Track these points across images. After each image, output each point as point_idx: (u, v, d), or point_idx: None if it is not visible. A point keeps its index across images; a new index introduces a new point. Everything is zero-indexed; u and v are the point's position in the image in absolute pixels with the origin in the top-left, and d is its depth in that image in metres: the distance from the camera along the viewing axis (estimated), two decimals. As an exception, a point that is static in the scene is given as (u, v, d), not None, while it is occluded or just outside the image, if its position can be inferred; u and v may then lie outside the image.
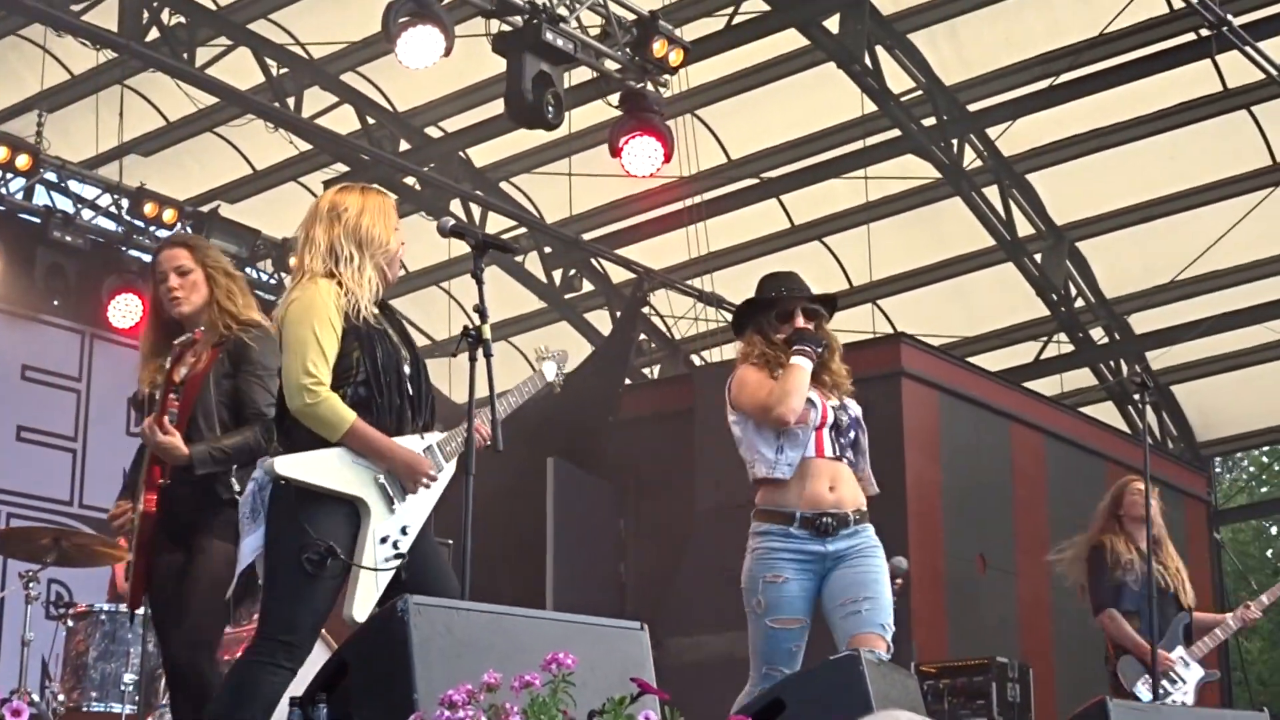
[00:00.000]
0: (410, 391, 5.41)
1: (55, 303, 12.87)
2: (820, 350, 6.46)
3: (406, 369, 5.43)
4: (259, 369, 5.79)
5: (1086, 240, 14.26)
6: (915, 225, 14.15)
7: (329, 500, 5.15)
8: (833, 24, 11.96)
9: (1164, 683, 8.64)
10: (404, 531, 5.26)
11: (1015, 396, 13.36)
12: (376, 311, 5.41)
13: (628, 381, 14.85)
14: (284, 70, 12.58)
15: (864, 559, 6.28)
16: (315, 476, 5.14)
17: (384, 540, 5.19)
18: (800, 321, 6.65)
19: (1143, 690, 8.54)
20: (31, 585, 8.86)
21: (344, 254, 5.39)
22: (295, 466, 5.14)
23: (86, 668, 8.56)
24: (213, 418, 5.74)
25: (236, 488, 5.59)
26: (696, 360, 15.51)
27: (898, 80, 12.51)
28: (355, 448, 5.20)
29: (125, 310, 13.00)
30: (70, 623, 8.77)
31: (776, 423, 6.32)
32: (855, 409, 6.51)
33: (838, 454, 6.34)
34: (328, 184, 13.40)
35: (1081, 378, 15.44)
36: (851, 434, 6.41)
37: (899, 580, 6.46)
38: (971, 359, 14.02)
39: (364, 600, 5.04)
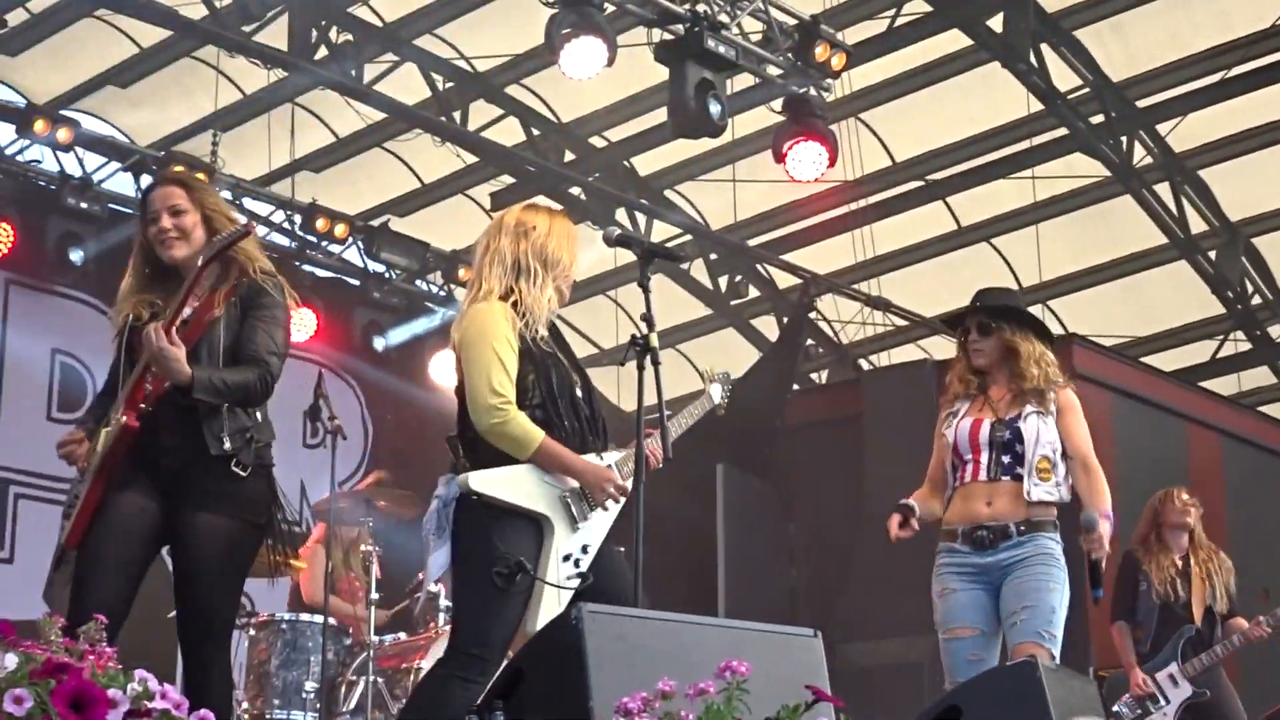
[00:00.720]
0: (585, 413, 5.47)
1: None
2: None
3: (579, 391, 5.49)
4: (267, 314, 5.45)
5: (1262, 236, 13.97)
6: (1084, 224, 13.96)
7: (516, 517, 5.21)
8: (996, 23, 11.84)
9: (1147, 702, 8.50)
10: (584, 550, 5.32)
11: (1191, 397, 13.11)
12: (546, 334, 5.47)
13: (795, 387, 14.81)
14: (450, 84, 12.72)
15: (1026, 569, 6.34)
16: (505, 493, 5.22)
17: (566, 558, 5.25)
18: (971, 337, 6.70)
19: (1123, 709, 8.45)
20: (215, 595, 9.02)
21: (528, 270, 5.46)
22: (487, 483, 5.22)
23: (269, 676, 8.73)
24: (218, 358, 5.36)
25: (226, 445, 5.27)
26: (864, 364, 15.44)
27: (1064, 78, 12.35)
28: (543, 464, 5.27)
29: (300, 324, 13.24)
30: (253, 632, 8.93)
31: None
32: (1029, 420, 6.47)
33: (995, 475, 6.44)
34: (494, 196, 13.64)
35: (1260, 376, 15.14)
36: (1017, 448, 6.45)
37: (1095, 534, 6.29)
38: (1145, 359, 13.79)
39: (546, 615, 5.09)
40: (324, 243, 13.60)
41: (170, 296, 5.39)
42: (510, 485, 5.25)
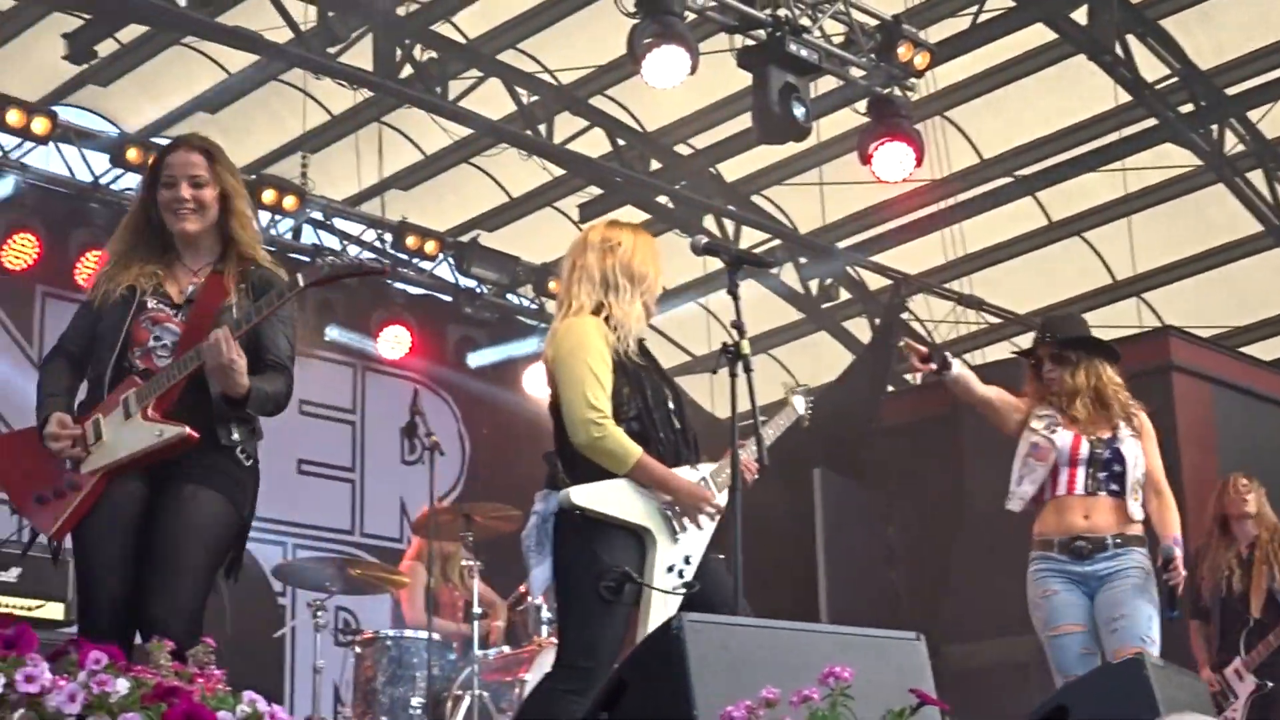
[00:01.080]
0: (678, 426, 5.50)
1: (327, 338, 13.27)
2: None
3: (671, 404, 5.52)
4: (284, 314, 5.20)
5: (1359, 220, 13.78)
6: (1177, 215, 13.82)
7: (618, 530, 5.25)
8: (1080, 15, 11.74)
9: (1219, 699, 8.40)
10: (687, 560, 5.35)
11: (1292, 385, 12.95)
12: (637, 348, 5.50)
13: (890, 388, 14.75)
14: (534, 98, 12.77)
15: (1122, 579, 6.59)
16: (608, 506, 5.25)
17: (670, 569, 5.28)
18: (1046, 368, 6.85)
19: None
20: (319, 614, 9.12)
21: (617, 285, 5.52)
22: (589, 497, 5.26)
23: (376, 693, 8.79)
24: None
25: (235, 435, 5.08)
26: (958, 363, 15.33)
27: (1151, 68, 12.23)
28: (640, 480, 5.30)
29: (394, 341, 13.36)
30: (358, 649, 9.01)
31: None
32: (1127, 442, 6.67)
33: (1092, 490, 6.64)
34: (583, 208, 13.67)
35: (1362, 363, 14.92)
36: (1115, 467, 6.64)
37: (1174, 563, 6.49)
38: (1243, 349, 13.63)
39: (656, 626, 5.10)
40: (415, 260, 13.69)
41: (170, 272, 5.17)
42: (611, 498, 5.28)
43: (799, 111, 10.11)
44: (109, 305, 5.12)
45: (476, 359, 14.25)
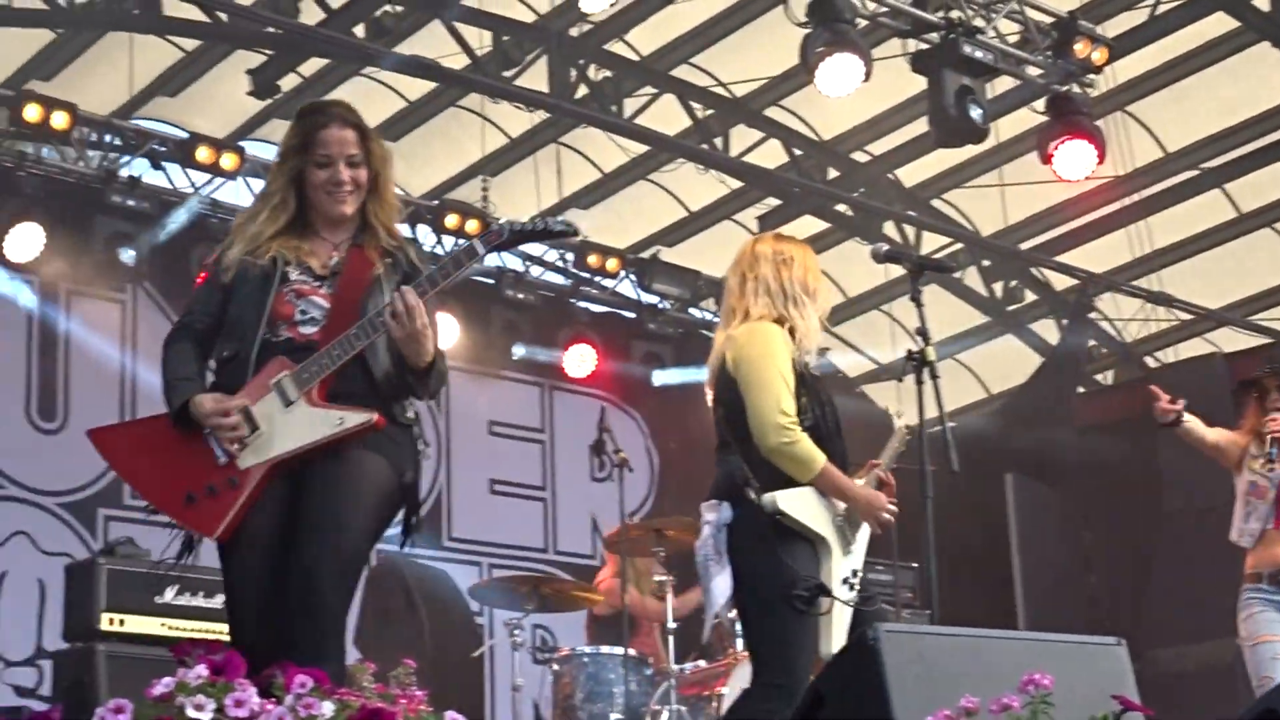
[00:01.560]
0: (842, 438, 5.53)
1: (514, 357, 13.42)
2: None
3: (837, 416, 5.54)
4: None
5: None
6: (1372, 202, 13.48)
7: (797, 539, 5.24)
8: (1262, 2, 11.50)
9: None
10: (854, 573, 5.33)
11: None
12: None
13: (1080, 390, 14.54)
14: (709, 112, 12.79)
15: None
16: (802, 514, 5.25)
17: (844, 581, 5.27)
18: (1272, 397, 6.94)
19: None
20: (516, 632, 9.20)
21: (796, 298, 5.60)
22: (790, 503, 5.24)
23: (574, 709, 8.85)
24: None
25: (410, 414, 4.80)
26: (1151, 362, 15.09)
27: (1339, 52, 11.95)
28: (823, 487, 5.29)
29: (580, 360, 13.46)
30: (556, 666, 9.07)
31: None
32: None
33: None
34: (761, 219, 13.67)
35: None
36: None
37: None
38: None
39: (839, 636, 5.10)
40: (597, 278, 13.80)
41: (308, 245, 4.85)
42: (803, 506, 5.27)
43: (976, 113, 10.02)
44: (245, 279, 4.77)
45: (661, 375, 14.30)
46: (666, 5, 11.78)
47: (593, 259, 13.40)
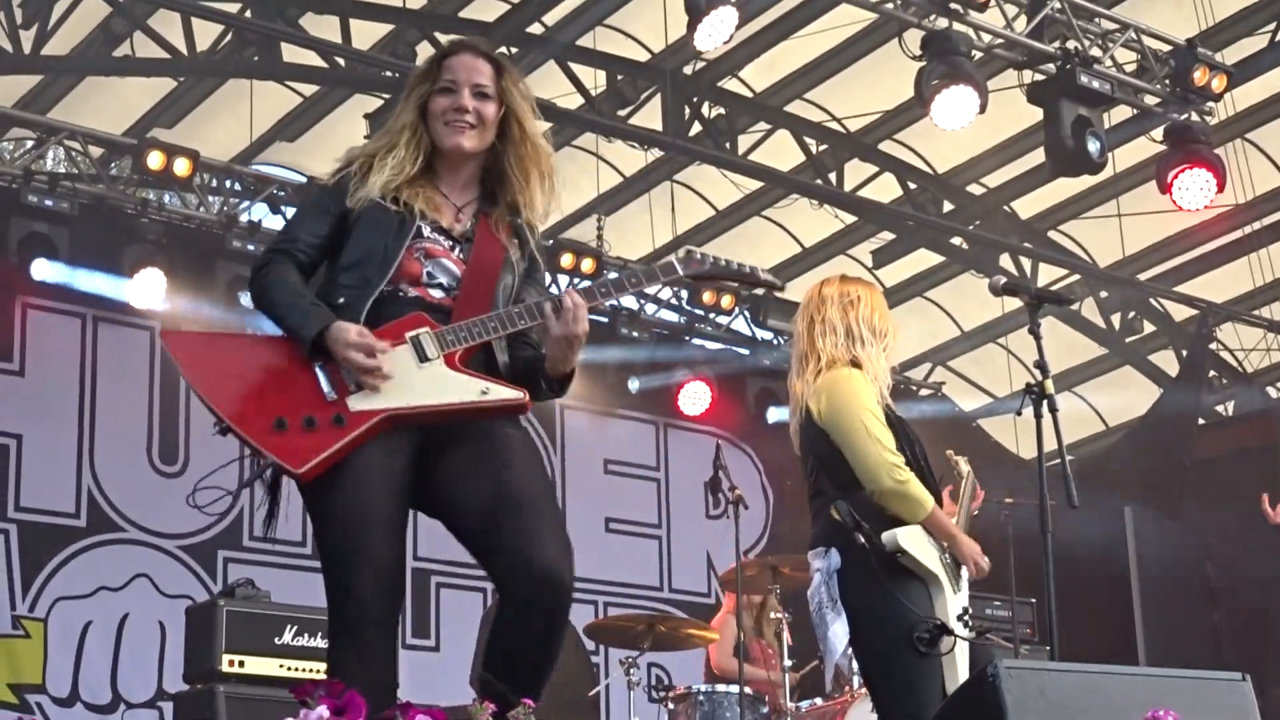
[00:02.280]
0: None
1: (629, 394, 13.45)
2: None
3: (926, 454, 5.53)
4: (543, 278, 4.56)
5: None
6: None
7: (912, 578, 5.23)
8: (1386, 25, 11.34)
9: None
10: (965, 611, 5.31)
11: None
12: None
13: (1202, 421, 14.35)
14: (823, 147, 12.78)
15: None
16: (919, 552, 5.24)
17: (959, 617, 5.25)
18: None
19: None
20: (632, 671, 9.20)
21: (864, 339, 5.55)
22: (910, 541, 5.26)
23: (691, 747, 8.83)
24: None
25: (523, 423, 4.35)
26: (1273, 393, 14.87)
27: None
28: (930, 528, 5.28)
29: (695, 398, 13.47)
30: (671, 705, 9.06)
31: None
32: None
33: None
34: (875, 254, 13.63)
35: None
36: None
37: None
38: None
39: (960, 674, 5.08)
40: (711, 315, 13.81)
41: (434, 197, 4.35)
42: (919, 544, 5.25)
43: (1093, 144, 9.96)
44: (373, 221, 4.28)
45: (776, 412, 14.26)
46: (780, 42, 11.79)
47: (707, 296, 13.43)
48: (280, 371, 4.17)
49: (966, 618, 5.32)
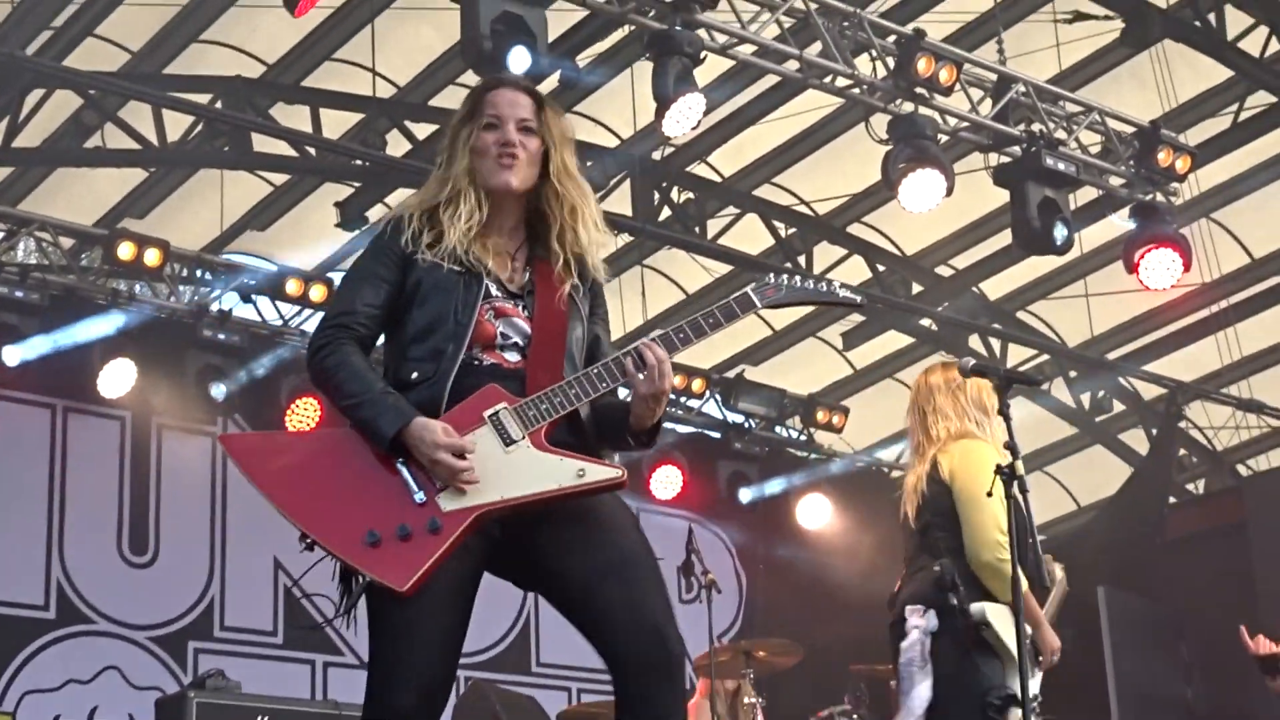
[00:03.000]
0: None
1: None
2: None
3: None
4: (607, 325, 4.36)
5: None
6: None
7: (994, 654, 5.33)
8: (1346, 106, 11.47)
9: None
10: (1038, 698, 5.46)
11: None
12: None
13: (1172, 500, 14.38)
14: (792, 230, 12.86)
15: None
16: (1003, 630, 5.36)
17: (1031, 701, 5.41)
18: None
19: None
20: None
21: (976, 420, 5.84)
22: (995, 616, 5.45)
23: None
24: (581, 363, 4.12)
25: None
26: (1243, 470, 14.92)
27: None
28: (1020, 609, 5.40)
29: (666, 481, 13.44)
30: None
31: None
32: None
33: None
34: (845, 336, 13.68)
35: None
36: None
37: None
38: None
39: None
40: (683, 399, 13.82)
41: (496, 258, 4.07)
42: (1004, 622, 5.41)
43: (1060, 225, 10.04)
44: (435, 278, 3.99)
45: (748, 493, 14.26)
46: (747, 127, 11.88)
47: (678, 380, 13.43)
48: (360, 474, 3.85)
49: (1036, 705, 5.41)
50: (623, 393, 4.09)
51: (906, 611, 5.55)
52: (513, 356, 3.99)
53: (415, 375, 3.93)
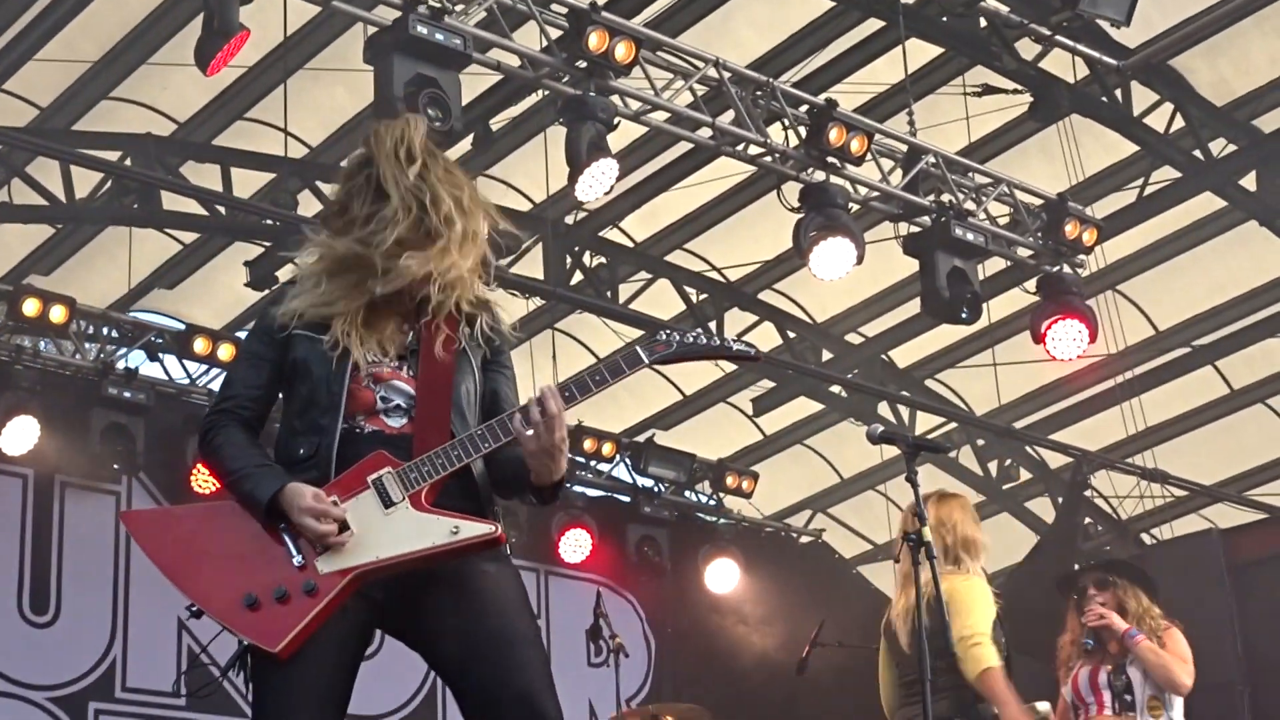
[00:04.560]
0: None
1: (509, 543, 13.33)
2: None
3: None
4: (511, 374, 4.32)
5: None
6: (1364, 377, 13.53)
7: None
8: (1249, 181, 11.66)
9: None
10: None
11: None
12: None
13: (1077, 567, 14.46)
14: (703, 296, 12.91)
15: None
16: None
17: None
18: (1090, 592, 7.50)
19: None
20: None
21: (958, 559, 6.64)
22: None
23: None
24: (474, 418, 4.08)
25: (511, 539, 4.08)
26: (1146, 539, 15.05)
27: (1326, 230, 12.07)
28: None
29: (575, 545, 13.38)
30: None
31: None
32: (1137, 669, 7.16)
33: (1118, 710, 7.10)
34: (755, 402, 13.72)
35: None
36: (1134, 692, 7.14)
37: None
38: None
39: None
40: (592, 462, 13.79)
41: (368, 312, 4.02)
42: None
43: (968, 294, 10.11)
44: (306, 355, 4.00)
45: (657, 558, 14.22)
46: (660, 193, 11.94)
47: (588, 443, 13.40)
48: (245, 541, 3.90)
49: None
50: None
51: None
52: (396, 421, 3.99)
53: (302, 451, 3.97)
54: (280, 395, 4.10)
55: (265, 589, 3.82)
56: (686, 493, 14.59)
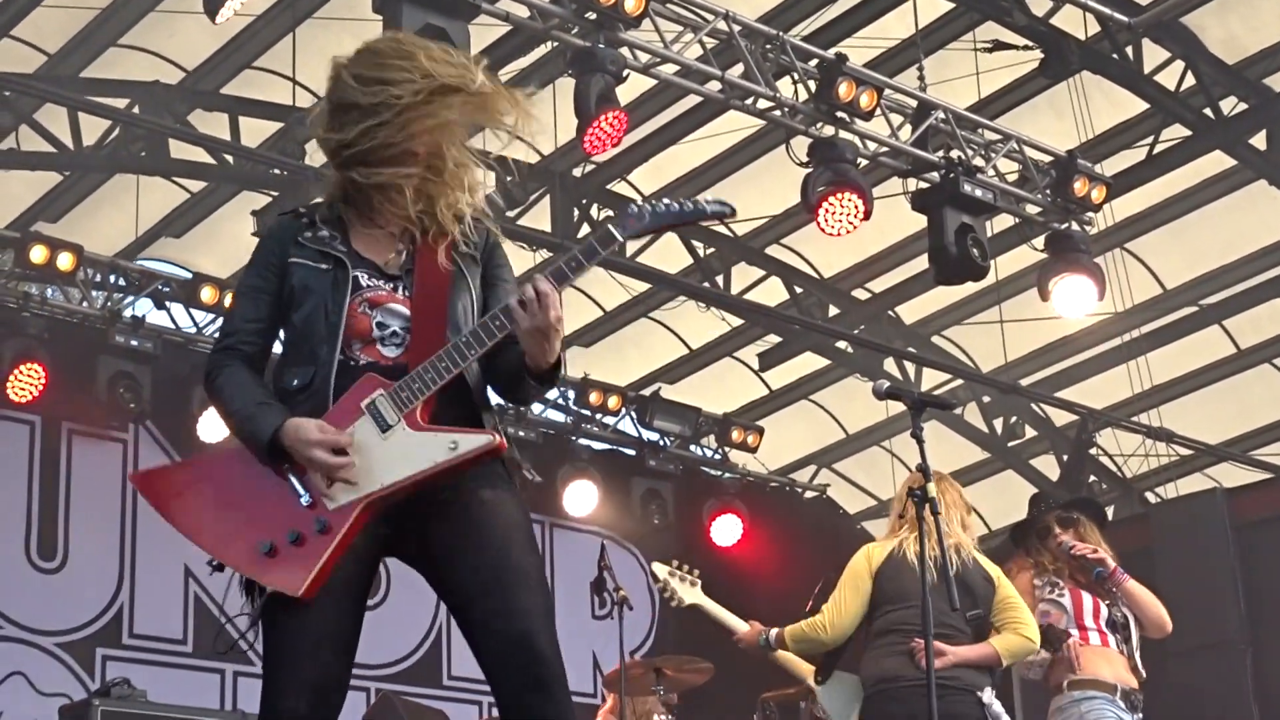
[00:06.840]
0: None
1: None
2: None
3: None
4: (510, 276, 4.15)
5: None
6: (1371, 336, 13.53)
7: None
8: (1259, 140, 11.63)
9: None
10: None
11: None
12: None
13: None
14: (710, 250, 12.89)
15: None
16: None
17: None
18: (1055, 530, 7.36)
19: None
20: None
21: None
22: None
23: None
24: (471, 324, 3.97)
25: (499, 438, 3.91)
26: (1151, 498, 15.07)
27: (1335, 190, 12.05)
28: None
29: (581, 498, 13.40)
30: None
31: None
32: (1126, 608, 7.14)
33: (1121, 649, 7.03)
34: (761, 356, 13.72)
35: None
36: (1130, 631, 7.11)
37: None
38: None
39: None
40: (598, 415, 13.81)
41: (363, 232, 4.01)
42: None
43: (976, 251, 10.10)
44: (305, 282, 3.95)
45: (662, 511, 14.26)
46: (668, 147, 11.91)
47: (593, 396, 13.42)
48: (251, 487, 3.86)
49: None
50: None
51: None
52: (391, 351, 3.90)
53: (296, 382, 3.91)
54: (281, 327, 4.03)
55: (279, 533, 3.78)
56: (692, 447, 14.61)
